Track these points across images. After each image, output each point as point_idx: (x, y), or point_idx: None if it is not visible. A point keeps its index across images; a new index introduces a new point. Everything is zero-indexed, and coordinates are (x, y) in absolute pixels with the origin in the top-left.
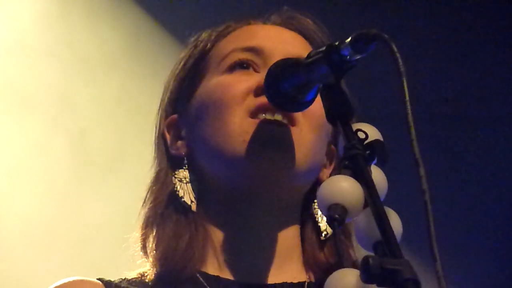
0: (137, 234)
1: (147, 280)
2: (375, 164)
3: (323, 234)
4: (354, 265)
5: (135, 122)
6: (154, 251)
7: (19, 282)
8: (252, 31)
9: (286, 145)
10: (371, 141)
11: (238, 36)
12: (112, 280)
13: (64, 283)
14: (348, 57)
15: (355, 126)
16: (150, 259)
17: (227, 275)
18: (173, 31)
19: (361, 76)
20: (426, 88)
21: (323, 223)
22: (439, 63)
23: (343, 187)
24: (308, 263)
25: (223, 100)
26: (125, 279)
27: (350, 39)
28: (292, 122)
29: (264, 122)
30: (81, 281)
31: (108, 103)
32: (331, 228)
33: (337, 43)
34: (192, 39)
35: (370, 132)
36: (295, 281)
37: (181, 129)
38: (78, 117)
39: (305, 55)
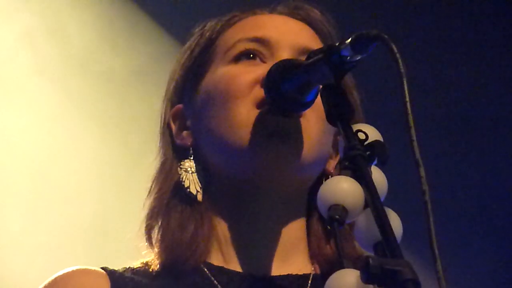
0: (142, 224)
1: (151, 270)
2: (375, 165)
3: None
4: (359, 259)
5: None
6: (159, 242)
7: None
8: (258, 21)
9: (292, 136)
10: (371, 142)
11: (244, 26)
12: (116, 269)
13: (67, 273)
14: (348, 57)
15: (355, 127)
16: (155, 249)
17: (231, 266)
18: None
19: (361, 76)
20: (426, 88)
21: None
22: (440, 63)
23: (343, 188)
24: (314, 256)
25: (229, 91)
26: (129, 268)
27: (351, 40)
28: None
29: (271, 112)
30: (84, 270)
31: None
32: (332, 228)
33: (337, 44)
34: (197, 28)
35: (370, 132)
36: (300, 273)
37: (186, 119)
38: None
39: (312, 45)
